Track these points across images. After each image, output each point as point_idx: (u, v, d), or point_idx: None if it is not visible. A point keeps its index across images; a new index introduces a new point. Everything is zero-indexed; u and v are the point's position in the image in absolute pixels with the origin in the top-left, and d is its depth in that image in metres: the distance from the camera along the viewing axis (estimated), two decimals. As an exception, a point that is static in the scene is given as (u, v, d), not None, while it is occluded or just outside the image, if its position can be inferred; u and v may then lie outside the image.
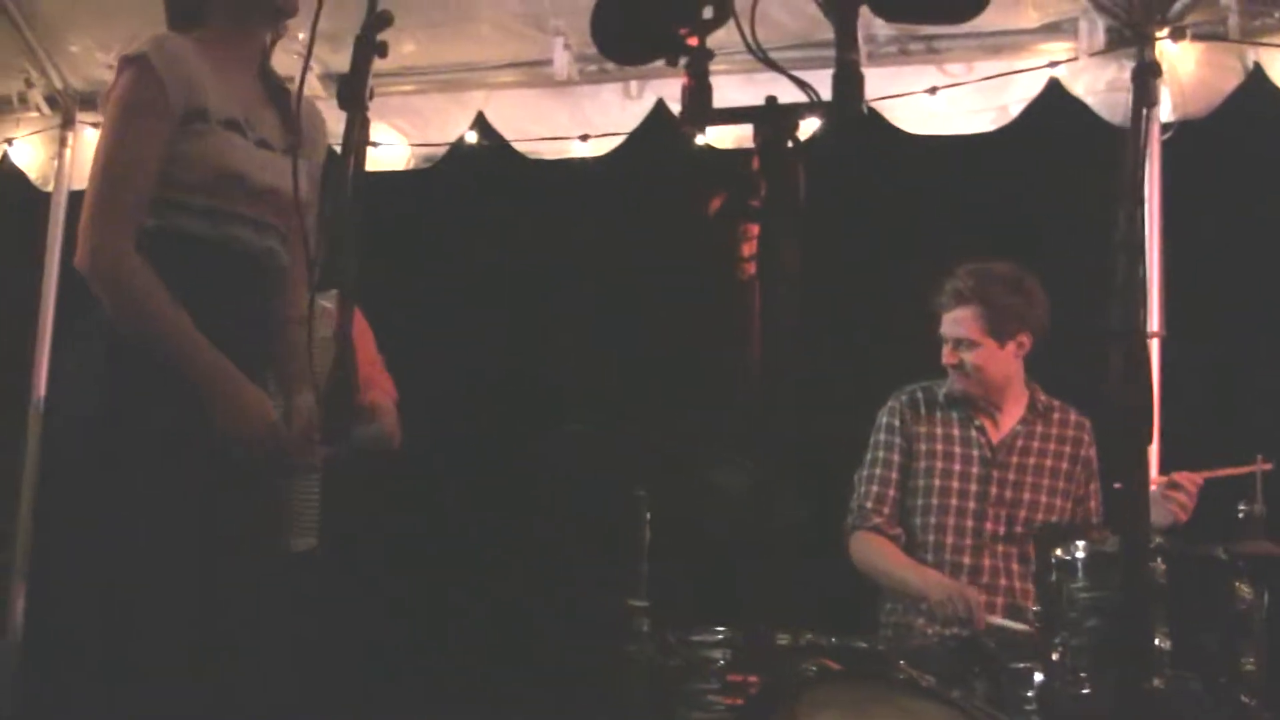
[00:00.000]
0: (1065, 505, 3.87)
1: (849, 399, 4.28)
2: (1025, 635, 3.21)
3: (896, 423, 3.95)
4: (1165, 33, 4.34)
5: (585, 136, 5.03)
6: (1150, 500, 3.33)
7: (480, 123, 5.09)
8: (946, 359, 3.88)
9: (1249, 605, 2.83)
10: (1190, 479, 3.67)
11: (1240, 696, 2.77)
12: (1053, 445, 3.91)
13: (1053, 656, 2.88)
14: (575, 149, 5.05)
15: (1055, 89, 4.53)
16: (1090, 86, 4.49)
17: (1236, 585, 2.83)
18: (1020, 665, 3.03)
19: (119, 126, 2.70)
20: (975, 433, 3.91)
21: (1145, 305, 2.20)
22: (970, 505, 3.84)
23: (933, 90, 4.63)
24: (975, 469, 3.87)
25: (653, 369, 5.45)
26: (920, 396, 3.98)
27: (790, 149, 1.77)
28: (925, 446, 3.91)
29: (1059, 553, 2.93)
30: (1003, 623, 3.40)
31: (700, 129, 1.89)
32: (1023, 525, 3.80)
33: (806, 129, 1.88)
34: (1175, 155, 4.35)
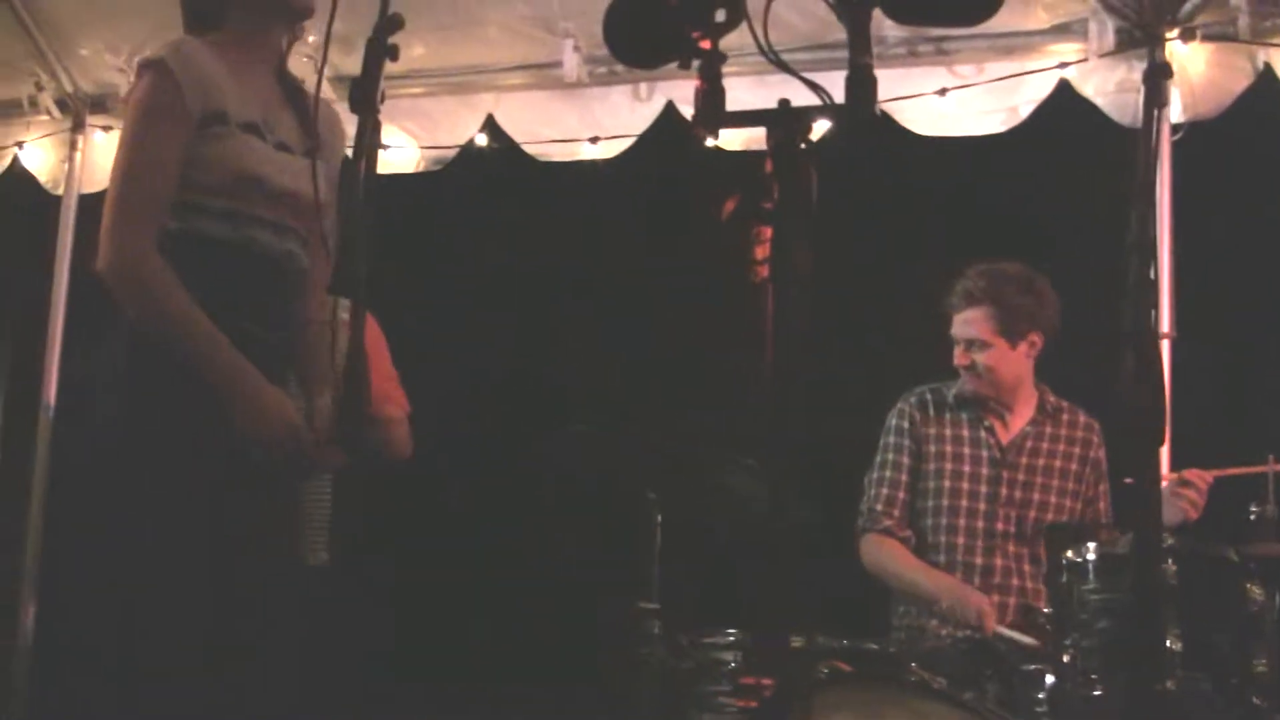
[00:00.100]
0: (1075, 506, 3.87)
1: (859, 400, 4.28)
2: (1032, 649, 3.18)
3: (906, 425, 3.95)
4: (1175, 33, 4.32)
5: (595, 139, 5.03)
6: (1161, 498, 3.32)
7: (490, 125, 5.08)
8: (958, 360, 3.88)
9: (1260, 607, 2.83)
10: (1201, 476, 3.66)
11: (1252, 698, 2.76)
12: (1062, 446, 3.91)
13: (1064, 658, 2.88)
14: (585, 151, 5.05)
15: (1065, 90, 4.52)
16: (1100, 87, 4.48)
17: (1248, 587, 2.83)
18: (1032, 667, 3.03)
19: (138, 131, 2.71)
20: (985, 434, 3.91)
21: (1157, 306, 2.19)
22: (981, 506, 3.84)
23: (942, 91, 4.62)
24: (985, 470, 3.87)
25: (659, 370, 5.45)
26: (929, 398, 3.97)
27: (803, 151, 1.77)
28: (935, 448, 3.91)
29: (1070, 555, 2.93)
30: (1010, 634, 3.38)
31: (714, 133, 1.88)
32: (1032, 526, 3.80)
33: (816, 130, 1.87)
34: (1185, 156, 4.34)
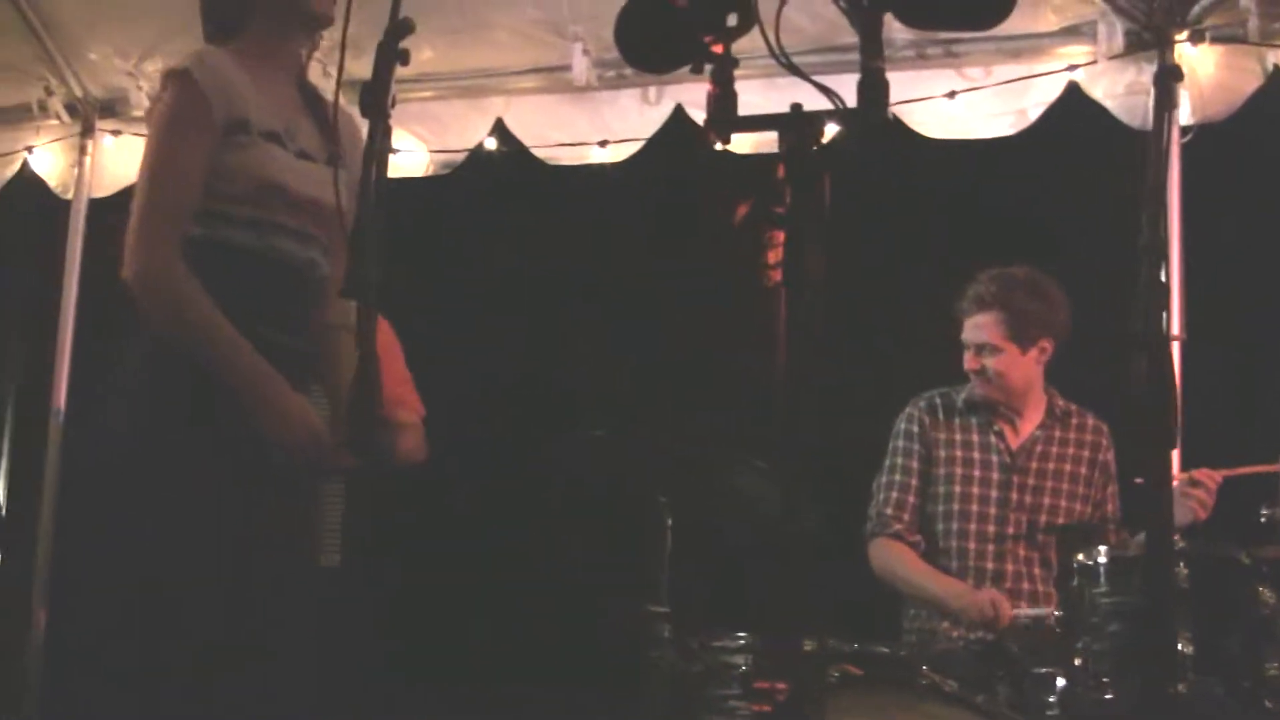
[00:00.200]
0: (1084, 509, 3.87)
1: (869, 404, 4.27)
2: (1049, 629, 3.18)
3: (915, 429, 3.94)
4: (1184, 35, 4.31)
5: (604, 142, 5.02)
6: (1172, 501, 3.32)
7: (499, 129, 5.09)
8: (969, 365, 3.88)
9: (1272, 610, 2.82)
10: (1210, 476, 3.65)
11: (1264, 701, 2.76)
12: (1071, 450, 3.91)
13: (1075, 661, 2.88)
14: (594, 155, 5.04)
15: (1074, 92, 4.51)
16: (1109, 90, 4.47)
17: (1260, 590, 2.82)
18: (1043, 670, 3.02)
19: (164, 140, 2.74)
20: (994, 438, 3.90)
21: (1168, 308, 2.19)
22: (991, 511, 3.84)
23: (951, 94, 4.61)
24: (995, 474, 3.87)
25: (669, 373, 5.45)
26: (939, 402, 3.97)
27: (815, 156, 1.77)
28: (945, 453, 3.90)
29: (1080, 558, 2.92)
30: (1026, 611, 3.39)
31: (726, 138, 1.88)
32: (1043, 530, 3.80)
33: (827, 133, 1.87)
34: (1194, 158, 4.33)
